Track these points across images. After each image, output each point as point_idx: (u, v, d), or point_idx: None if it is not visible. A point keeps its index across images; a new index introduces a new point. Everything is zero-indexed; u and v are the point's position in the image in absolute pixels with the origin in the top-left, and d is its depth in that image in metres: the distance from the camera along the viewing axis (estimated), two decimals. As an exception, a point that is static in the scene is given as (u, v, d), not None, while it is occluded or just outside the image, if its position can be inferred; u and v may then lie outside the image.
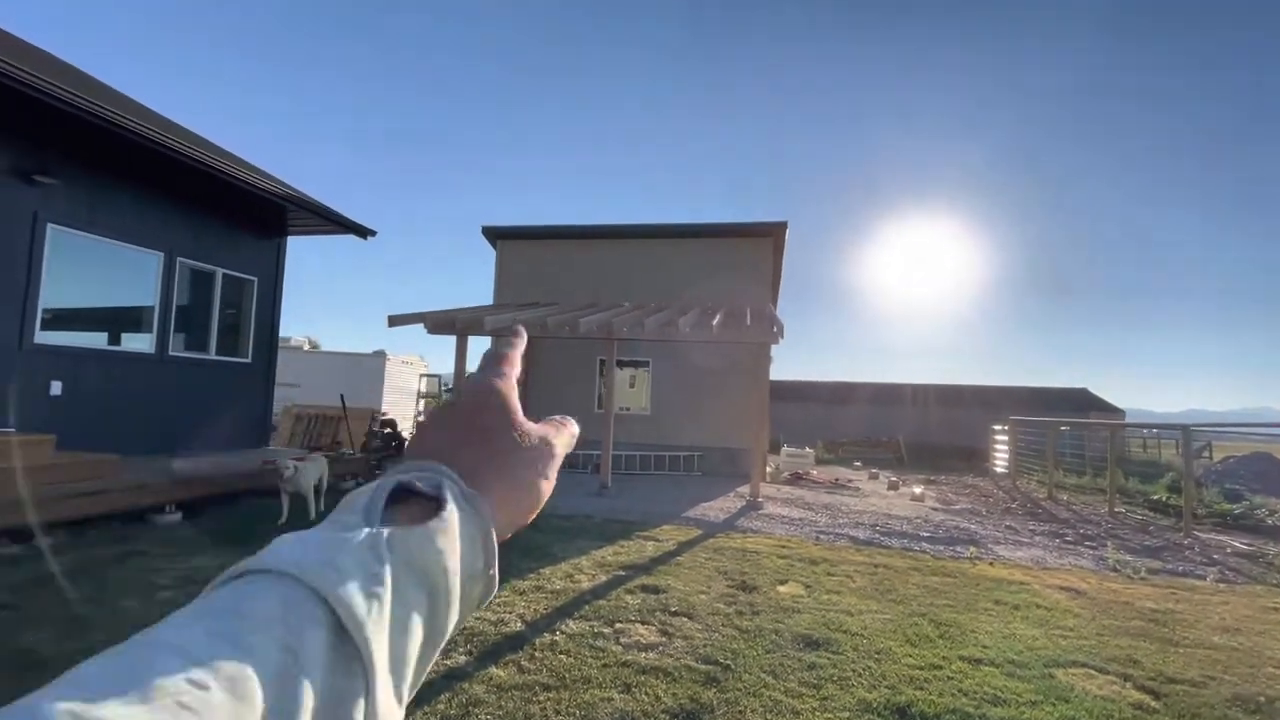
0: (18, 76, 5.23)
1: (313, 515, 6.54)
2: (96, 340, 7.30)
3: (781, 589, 5.10)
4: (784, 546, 6.66)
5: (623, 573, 5.30)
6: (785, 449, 16.87)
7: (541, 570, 5.18)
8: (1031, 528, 9.11)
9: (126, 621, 3.67)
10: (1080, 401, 29.29)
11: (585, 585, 4.87)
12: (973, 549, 7.01)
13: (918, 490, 12.23)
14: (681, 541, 6.64)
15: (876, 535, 7.56)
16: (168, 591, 4.19)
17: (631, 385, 13.61)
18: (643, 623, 4.14)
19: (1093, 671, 3.75)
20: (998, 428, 17.80)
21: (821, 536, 7.38)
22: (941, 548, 7.11)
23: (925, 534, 7.79)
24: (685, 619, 4.26)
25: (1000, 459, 17.47)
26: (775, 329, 9.33)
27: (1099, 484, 16.05)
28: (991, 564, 6.46)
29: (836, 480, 13.51)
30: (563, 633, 3.88)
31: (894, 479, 14.47)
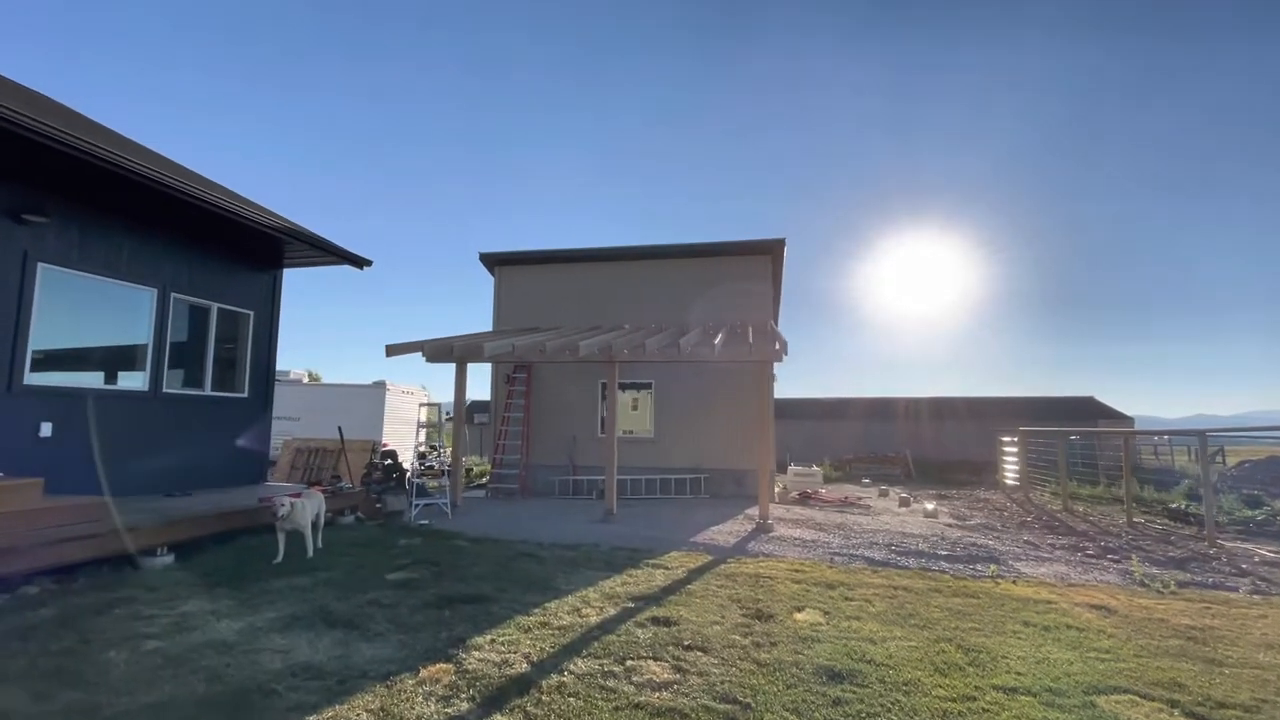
0: (7, 116, 5.17)
1: (310, 553, 6.34)
2: (88, 379, 7.15)
3: (799, 616, 4.87)
4: (798, 570, 6.43)
5: (632, 604, 5.07)
6: (792, 468, 16.61)
7: (547, 605, 4.96)
8: (1051, 542, 8.85)
9: (109, 676, 3.47)
10: (1088, 410, 29.00)
11: (593, 619, 4.65)
12: (994, 567, 6.76)
13: (930, 506, 11.97)
14: (691, 569, 6.42)
15: (893, 555, 7.32)
16: (155, 641, 3.98)
17: (635, 408, 13.44)
18: (655, 659, 3.92)
19: (1136, 698, 3.52)
20: (1006, 439, 17.55)
21: (836, 558, 7.14)
22: (961, 566, 6.87)
23: (943, 552, 7.55)
24: (699, 653, 4.04)
25: (1011, 471, 17.18)
26: (778, 346, 9.18)
27: (1114, 493, 15.74)
28: (1015, 582, 6.22)
29: (846, 499, 13.26)
30: (570, 672, 3.66)
31: (905, 495, 14.20)
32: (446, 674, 3.60)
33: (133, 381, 7.49)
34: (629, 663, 3.85)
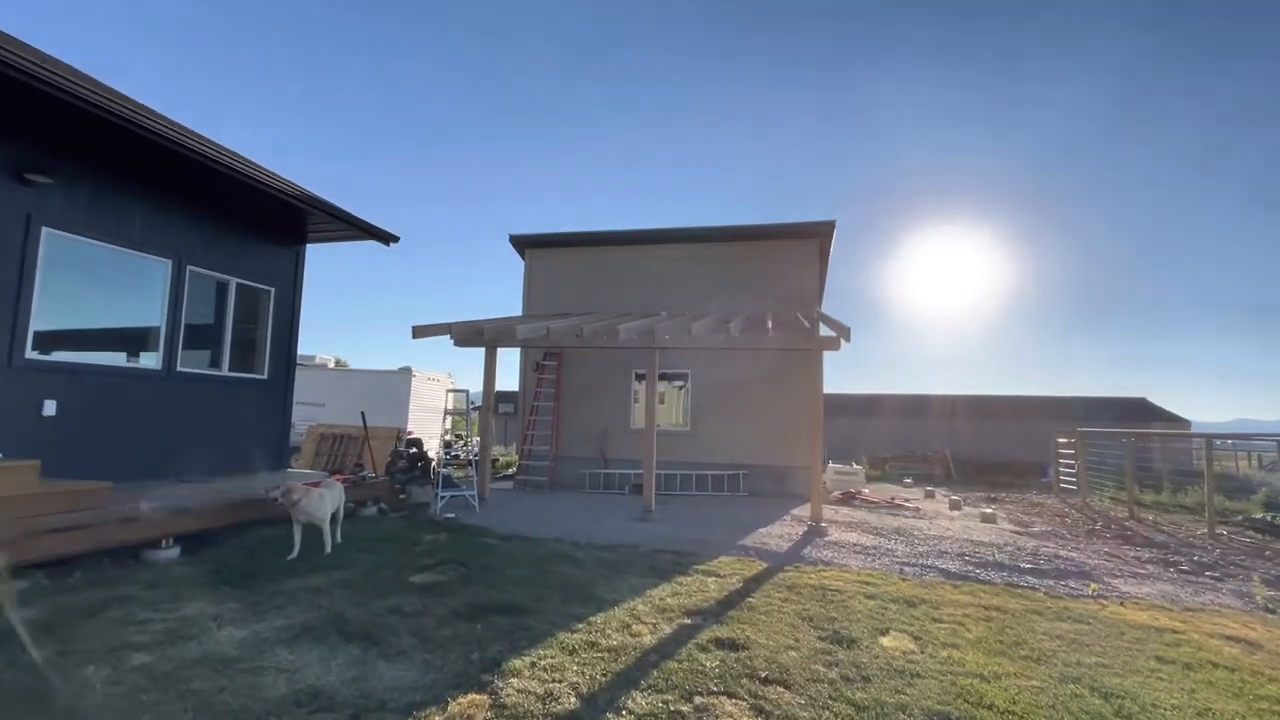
0: (8, 60, 4.66)
1: (328, 548, 5.79)
2: (97, 355, 6.70)
3: (885, 642, 4.16)
4: (867, 583, 5.69)
5: (688, 621, 4.41)
6: (832, 466, 15.80)
7: (592, 619, 4.32)
8: (1135, 555, 7.99)
9: (81, 702, 2.91)
10: (1141, 411, 27.54)
11: (647, 639, 3.99)
12: (1093, 585, 5.95)
13: (988, 511, 11.11)
14: (747, 577, 5.73)
15: (970, 567, 6.55)
16: (144, 655, 3.42)
17: (661, 401, 12.75)
18: (728, 694, 3.25)
19: (1358, 775, 2.75)
20: (1063, 440, 16.49)
21: (906, 569, 6.39)
22: (1051, 583, 6.07)
23: (1025, 565, 6.74)
24: (780, 689, 3.35)
25: (1067, 475, 16.14)
26: (838, 332, 8.40)
27: (1180, 500, 14.69)
28: (1123, 604, 5.41)
29: (893, 500, 12.44)
30: (630, 712, 3.01)
31: (955, 498, 13.33)
32: (480, 709, 2.98)
33: (145, 359, 7.02)
34: (698, 700, 3.18)
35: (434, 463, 11.58)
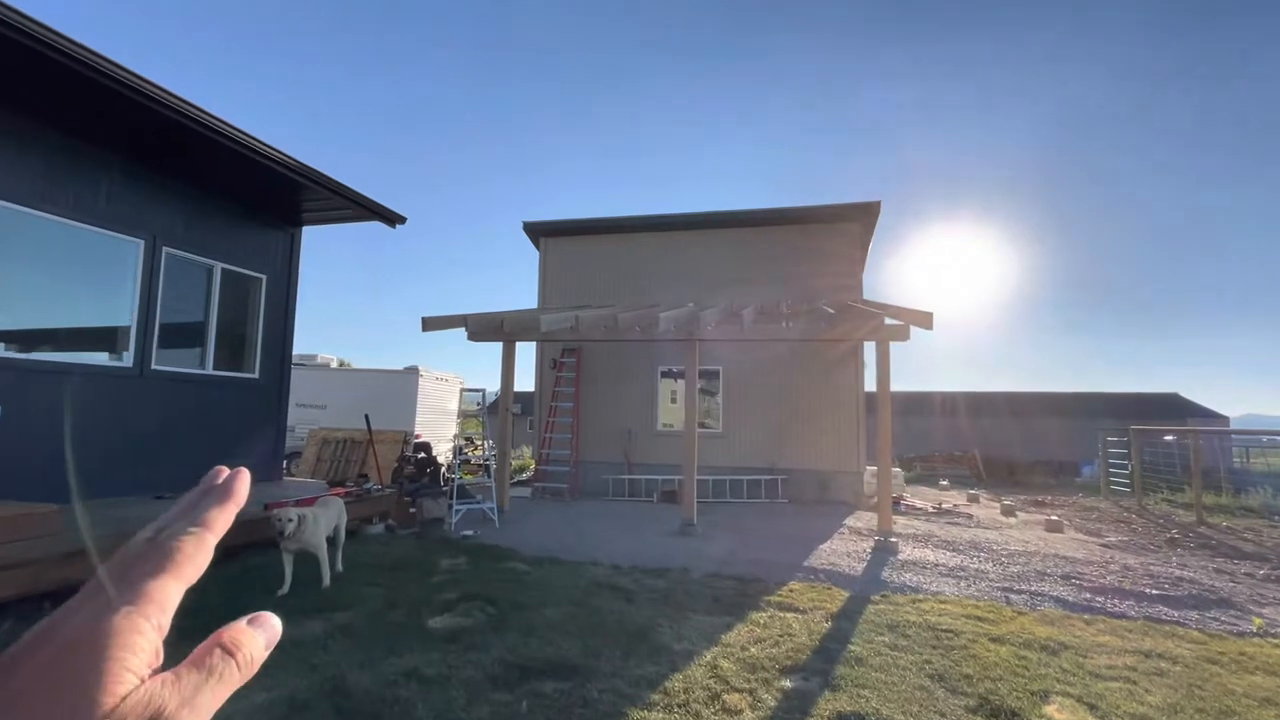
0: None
1: (326, 580, 4.81)
2: (53, 351, 5.74)
3: (1054, 713, 3.16)
4: (980, 619, 4.69)
5: (789, 683, 3.42)
6: (869, 469, 14.80)
7: (668, 684, 3.32)
8: (1245, 570, 7.02)
9: None
10: (1174, 408, 26.46)
11: (750, 717, 3.00)
12: (1258, 620, 4.93)
13: (1053, 518, 10.11)
14: (832, 612, 4.74)
15: (1086, 594, 5.53)
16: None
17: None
18: (895, 820, 2.26)
19: None
20: (1113, 439, 15.47)
21: (1011, 596, 5.39)
22: (1194, 614, 5.06)
23: (1150, 590, 5.73)
24: (962, 806, 2.36)
25: (1118, 475, 15.12)
26: (908, 319, 7.39)
27: (1243, 503, 13.71)
28: (1305, 646, 4.40)
29: (940, 505, 11.46)
30: None
31: (1005, 503, 12.33)
32: None
33: (113, 356, 6.05)
34: (858, 833, 2.19)
35: (443, 469, 10.62)
